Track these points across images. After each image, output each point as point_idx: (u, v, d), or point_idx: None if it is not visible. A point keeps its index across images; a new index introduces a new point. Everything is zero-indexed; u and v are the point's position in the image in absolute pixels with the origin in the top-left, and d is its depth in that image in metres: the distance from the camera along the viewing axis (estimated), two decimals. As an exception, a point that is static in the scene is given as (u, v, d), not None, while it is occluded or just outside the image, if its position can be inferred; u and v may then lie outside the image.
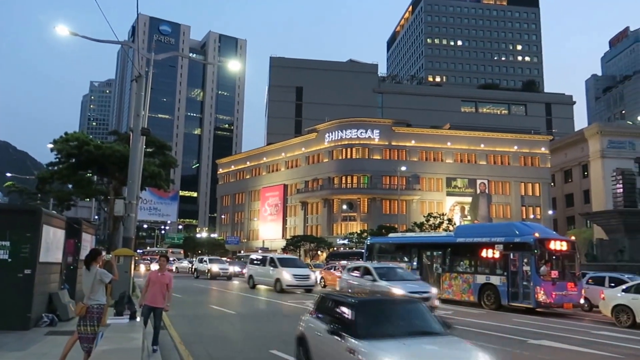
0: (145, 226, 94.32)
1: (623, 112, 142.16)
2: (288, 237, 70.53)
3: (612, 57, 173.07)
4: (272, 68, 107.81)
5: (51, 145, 24.22)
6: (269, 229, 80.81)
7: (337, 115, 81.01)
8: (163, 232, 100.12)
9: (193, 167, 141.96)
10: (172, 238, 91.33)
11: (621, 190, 35.94)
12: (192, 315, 15.13)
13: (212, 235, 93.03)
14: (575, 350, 10.19)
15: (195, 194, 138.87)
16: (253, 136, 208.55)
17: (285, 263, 25.17)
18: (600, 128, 73.20)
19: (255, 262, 27.54)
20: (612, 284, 18.73)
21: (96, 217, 45.98)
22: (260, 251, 68.23)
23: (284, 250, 65.28)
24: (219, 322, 14.08)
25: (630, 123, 61.93)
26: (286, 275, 23.98)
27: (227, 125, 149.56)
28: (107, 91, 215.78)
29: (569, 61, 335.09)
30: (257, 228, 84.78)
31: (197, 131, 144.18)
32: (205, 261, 39.58)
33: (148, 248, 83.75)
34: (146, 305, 8.79)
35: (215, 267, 37.28)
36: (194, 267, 41.99)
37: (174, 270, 52.69)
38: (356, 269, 20.13)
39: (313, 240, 64.59)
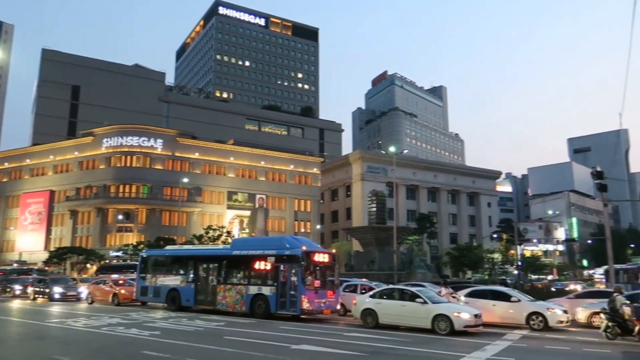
0: None
1: (380, 142, 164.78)
2: (52, 248, 63.25)
3: (373, 94, 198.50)
4: (44, 61, 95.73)
5: None
6: (28, 240, 71.22)
7: (119, 120, 76.34)
8: None
9: None
10: None
11: (375, 209, 42.21)
12: None
13: (-50, 247, 77.57)
14: (329, 352, 11.58)
15: None
16: (15, 134, 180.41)
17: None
18: (362, 155, 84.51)
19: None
20: (363, 291, 22.09)
21: None
22: (16, 265, 59.78)
23: (46, 263, 58.42)
24: None
25: (384, 152, 73.08)
26: None
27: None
28: None
29: (341, 93, 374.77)
30: (13, 238, 73.83)
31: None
32: None
33: None
34: None
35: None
36: None
37: None
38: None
39: (82, 252, 59.24)
